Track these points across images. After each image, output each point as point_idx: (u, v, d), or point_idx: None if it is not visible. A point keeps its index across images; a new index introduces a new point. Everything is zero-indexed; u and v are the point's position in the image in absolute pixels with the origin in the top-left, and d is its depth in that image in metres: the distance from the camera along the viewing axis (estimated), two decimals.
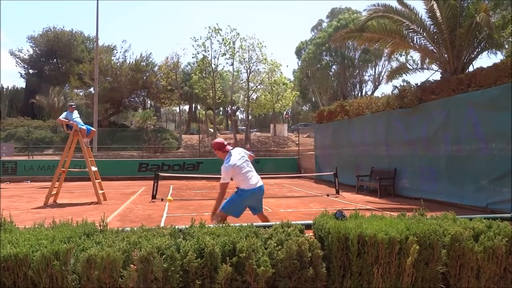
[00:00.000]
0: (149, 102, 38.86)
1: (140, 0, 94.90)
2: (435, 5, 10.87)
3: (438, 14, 10.83)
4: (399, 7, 11.93)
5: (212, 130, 31.37)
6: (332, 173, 12.80)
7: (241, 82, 29.54)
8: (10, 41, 77.73)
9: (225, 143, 5.06)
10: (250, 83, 27.85)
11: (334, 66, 37.85)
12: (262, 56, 27.10)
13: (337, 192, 12.14)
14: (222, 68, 30.51)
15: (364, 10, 12.34)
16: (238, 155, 4.92)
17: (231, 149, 5.01)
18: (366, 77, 39.97)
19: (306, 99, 45.83)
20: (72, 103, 11.03)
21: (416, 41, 12.01)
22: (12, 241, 2.36)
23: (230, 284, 2.39)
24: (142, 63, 31.46)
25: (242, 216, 4.81)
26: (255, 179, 4.87)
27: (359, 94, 38.35)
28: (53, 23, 77.81)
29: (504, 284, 2.76)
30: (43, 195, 10.60)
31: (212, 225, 2.89)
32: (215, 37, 25.88)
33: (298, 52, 41.33)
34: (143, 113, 32.54)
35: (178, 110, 38.66)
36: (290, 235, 2.65)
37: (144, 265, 2.26)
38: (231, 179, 4.84)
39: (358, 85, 40.38)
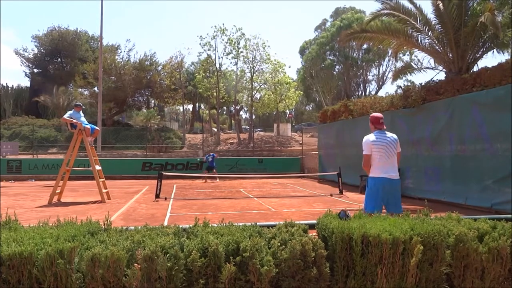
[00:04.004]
0: (153, 101, 38.97)
1: None
2: (440, 4, 10.81)
3: (444, 13, 10.77)
4: (405, 4, 11.86)
5: (215, 130, 31.41)
6: (335, 173, 12.78)
7: (245, 81, 29.58)
8: (17, 40, 78.21)
9: (382, 120, 4.69)
10: (253, 83, 27.87)
11: (337, 66, 37.79)
12: (265, 55, 27.14)
13: (341, 192, 12.11)
14: (226, 68, 30.64)
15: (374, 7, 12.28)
16: (385, 137, 4.55)
17: (385, 130, 4.68)
18: (370, 77, 39.91)
19: (310, 98, 45.76)
20: (78, 103, 11.09)
21: (421, 41, 11.96)
22: (17, 239, 2.38)
23: (234, 284, 2.39)
24: (146, 63, 31.56)
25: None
26: (387, 169, 4.46)
27: (363, 94, 38.26)
28: (58, 22, 78.40)
29: (508, 285, 2.75)
30: (47, 194, 10.66)
31: (215, 225, 2.89)
32: (221, 36, 26.04)
33: (302, 51, 41.32)
34: (147, 112, 32.66)
35: (181, 110, 38.86)
36: (293, 235, 2.65)
37: (148, 264, 2.27)
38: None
39: (362, 85, 40.28)
